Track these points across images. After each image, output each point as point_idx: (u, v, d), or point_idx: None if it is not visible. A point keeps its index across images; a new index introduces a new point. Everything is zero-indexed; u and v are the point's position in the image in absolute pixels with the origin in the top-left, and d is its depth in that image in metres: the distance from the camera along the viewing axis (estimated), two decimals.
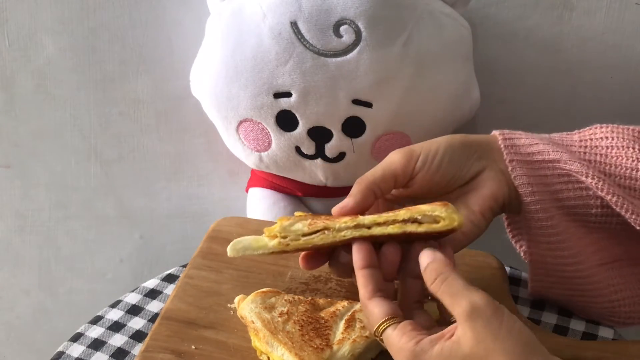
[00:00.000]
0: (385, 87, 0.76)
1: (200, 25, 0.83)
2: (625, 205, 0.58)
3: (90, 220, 1.00)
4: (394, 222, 0.55)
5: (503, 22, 0.91)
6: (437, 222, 0.54)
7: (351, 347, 0.57)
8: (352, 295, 0.66)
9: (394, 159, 0.61)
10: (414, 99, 0.77)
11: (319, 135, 0.79)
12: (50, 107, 0.92)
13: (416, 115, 0.79)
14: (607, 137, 0.63)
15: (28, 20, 0.87)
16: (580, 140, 0.63)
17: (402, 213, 0.55)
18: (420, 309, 0.54)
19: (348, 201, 0.58)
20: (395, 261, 0.55)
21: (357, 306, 0.61)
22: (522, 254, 0.68)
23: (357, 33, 0.73)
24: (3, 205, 0.98)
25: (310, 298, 0.63)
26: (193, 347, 0.60)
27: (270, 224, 0.78)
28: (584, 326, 0.68)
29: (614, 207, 0.59)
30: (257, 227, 0.75)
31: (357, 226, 0.55)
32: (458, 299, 0.48)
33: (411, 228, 0.54)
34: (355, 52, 0.74)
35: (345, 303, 0.62)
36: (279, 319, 0.59)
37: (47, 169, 0.96)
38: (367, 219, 0.55)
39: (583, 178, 0.60)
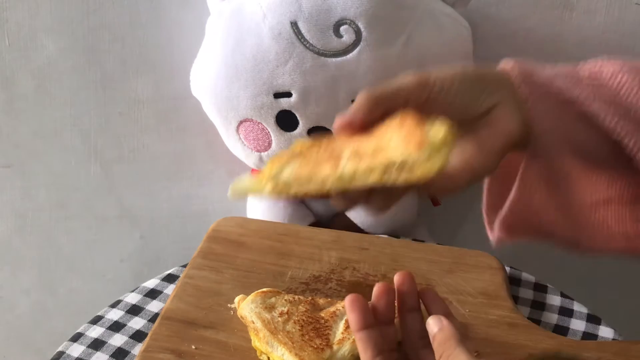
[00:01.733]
0: None
1: (200, 25, 0.83)
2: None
3: (90, 220, 1.00)
4: (371, 171, 0.49)
5: (503, 22, 0.91)
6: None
7: (351, 347, 0.57)
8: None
9: (408, 80, 0.56)
10: None
11: (319, 135, 0.79)
12: (50, 107, 0.92)
13: None
14: (616, 74, 0.59)
15: (28, 20, 0.87)
16: (589, 77, 0.59)
17: (378, 162, 0.49)
18: (426, 347, 0.53)
19: (353, 116, 0.54)
20: (391, 300, 0.53)
21: None
22: (486, 199, 0.65)
23: (357, 33, 0.73)
24: (3, 205, 0.98)
25: (310, 298, 0.63)
26: (193, 347, 0.60)
27: (271, 223, 0.78)
28: (584, 326, 0.68)
29: (631, 148, 0.57)
30: (257, 227, 0.75)
31: (339, 178, 0.50)
32: None
33: (391, 178, 0.49)
34: (355, 52, 0.74)
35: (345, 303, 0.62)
36: (279, 319, 0.59)
37: (47, 169, 0.96)
38: (347, 171, 0.50)
39: (602, 117, 0.57)
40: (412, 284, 0.54)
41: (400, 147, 0.50)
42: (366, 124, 0.54)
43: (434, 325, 0.51)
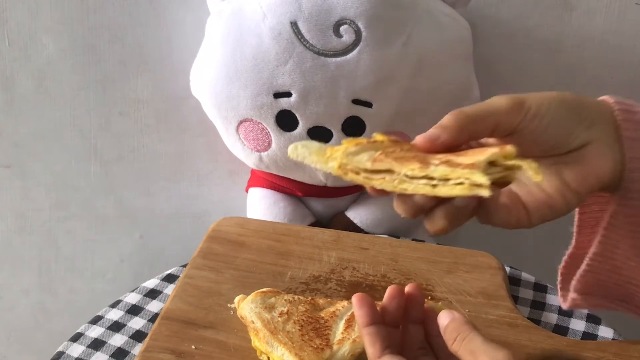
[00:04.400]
0: (385, 87, 0.76)
1: (200, 25, 0.83)
2: None
3: (90, 220, 1.00)
4: (461, 183, 0.47)
5: (503, 22, 0.91)
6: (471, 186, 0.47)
7: (351, 347, 0.57)
8: (352, 295, 0.67)
9: (501, 103, 0.52)
10: (414, 99, 0.77)
11: (319, 135, 0.79)
12: (50, 107, 0.92)
13: (416, 115, 0.79)
14: None
15: (28, 20, 0.87)
16: None
17: (472, 174, 0.46)
18: (426, 355, 0.53)
19: (439, 133, 0.50)
20: (401, 304, 0.54)
21: None
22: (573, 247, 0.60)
23: (357, 33, 0.73)
24: (3, 205, 0.98)
25: (310, 298, 0.63)
26: (193, 347, 0.60)
27: (270, 223, 0.78)
28: (584, 326, 0.68)
29: None
30: (257, 227, 0.75)
31: (426, 177, 0.48)
32: (479, 355, 0.47)
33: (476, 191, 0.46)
34: (355, 52, 0.74)
35: (345, 303, 0.62)
36: (279, 319, 0.59)
37: (47, 169, 0.96)
38: (439, 171, 0.47)
39: None
40: (420, 297, 0.54)
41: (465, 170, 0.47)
42: (450, 146, 0.51)
43: (445, 317, 0.50)
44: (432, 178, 0.47)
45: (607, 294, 0.60)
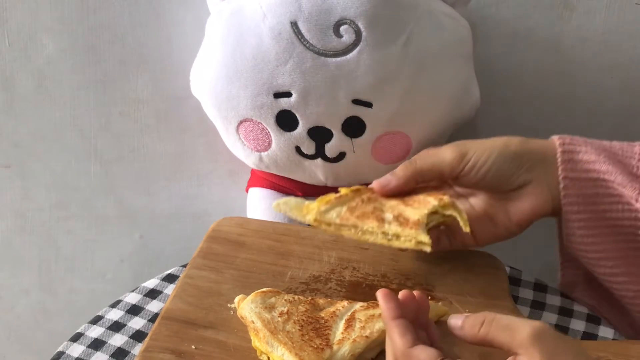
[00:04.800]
0: (385, 87, 0.76)
1: (200, 25, 0.83)
2: None
3: (90, 220, 1.00)
4: (410, 241, 0.61)
5: (503, 22, 0.91)
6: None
7: (351, 347, 0.57)
8: (352, 295, 0.67)
9: (446, 156, 0.63)
10: (414, 99, 0.77)
11: (319, 135, 0.79)
12: (50, 107, 0.92)
13: (416, 115, 0.79)
14: None
15: (28, 20, 0.87)
16: None
17: (418, 235, 0.61)
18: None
19: (390, 181, 0.64)
20: (414, 308, 0.55)
21: (357, 306, 0.61)
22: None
23: (357, 33, 0.73)
24: (3, 205, 0.98)
25: (310, 298, 0.63)
26: (193, 347, 0.60)
27: (270, 223, 0.78)
28: (584, 326, 0.68)
29: None
30: (257, 227, 0.75)
31: (383, 233, 0.62)
32: (517, 327, 0.48)
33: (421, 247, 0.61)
34: (355, 52, 0.74)
35: (345, 303, 0.62)
36: (279, 318, 0.59)
37: (47, 169, 0.96)
38: (392, 229, 0.61)
39: (633, 202, 0.59)
40: (427, 305, 0.56)
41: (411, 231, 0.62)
42: (400, 192, 0.64)
43: (458, 317, 0.52)
44: (387, 233, 0.62)
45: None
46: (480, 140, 0.64)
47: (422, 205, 0.64)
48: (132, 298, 0.70)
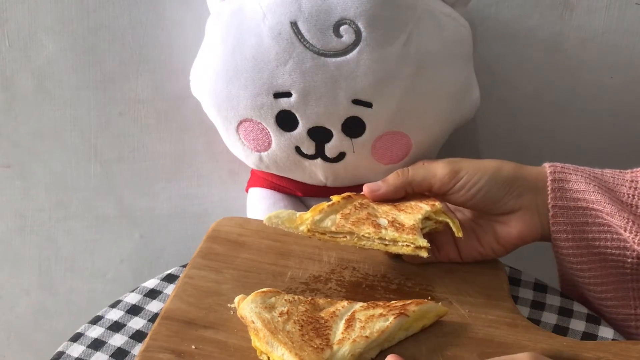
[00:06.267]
0: (385, 87, 0.76)
1: (200, 25, 0.83)
2: None
3: (90, 220, 1.00)
4: (407, 246, 0.62)
5: (503, 22, 0.91)
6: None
7: (351, 347, 0.57)
8: (352, 295, 0.67)
9: (438, 172, 0.64)
10: (414, 99, 0.77)
11: (319, 135, 0.79)
12: (50, 107, 0.92)
13: (416, 115, 0.79)
14: None
15: (28, 20, 0.87)
16: (632, 181, 0.62)
17: (415, 240, 0.62)
18: None
19: (381, 187, 0.65)
20: None
21: (357, 306, 0.61)
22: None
23: (357, 33, 0.73)
24: (3, 205, 0.98)
25: (310, 298, 0.63)
26: (193, 347, 0.60)
27: None
28: (584, 326, 0.68)
29: None
30: (257, 227, 0.75)
31: (380, 238, 0.63)
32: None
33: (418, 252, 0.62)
34: (355, 52, 0.74)
35: (345, 303, 0.62)
36: (279, 318, 0.59)
37: (47, 169, 0.96)
38: (389, 235, 0.62)
39: (621, 231, 0.60)
40: None
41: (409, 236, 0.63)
42: (391, 198, 0.66)
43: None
44: (384, 239, 0.63)
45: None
46: (475, 160, 0.65)
47: (415, 211, 0.65)
48: (132, 298, 0.70)
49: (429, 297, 0.67)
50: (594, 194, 0.61)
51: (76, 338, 0.66)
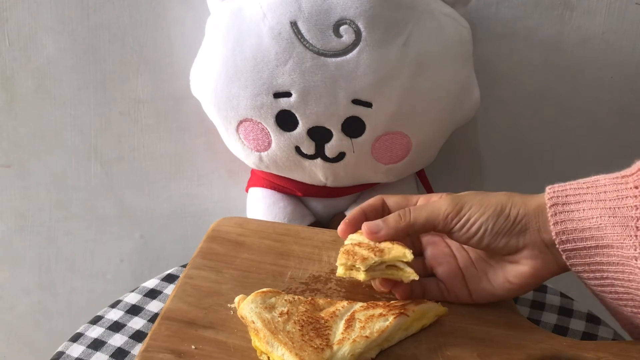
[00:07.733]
0: (385, 87, 0.76)
1: (200, 25, 0.83)
2: None
3: (90, 220, 1.00)
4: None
5: (503, 22, 0.91)
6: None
7: (351, 347, 0.57)
8: (352, 295, 0.67)
9: (441, 210, 0.61)
10: (414, 99, 0.77)
11: (319, 135, 0.79)
12: (50, 107, 0.92)
13: (416, 115, 0.79)
14: None
15: (28, 20, 0.87)
16: (636, 187, 0.58)
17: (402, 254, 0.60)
18: None
19: (381, 229, 0.61)
20: None
21: (357, 306, 0.61)
22: None
23: (357, 33, 0.73)
24: (3, 205, 0.98)
25: (310, 298, 0.63)
26: (193, 347, 0.60)
27: (270, 223, 0.78)
28: (584, 326, 0.68)
29: None
30: (257, 227, 0.75)
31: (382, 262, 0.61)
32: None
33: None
34: (355, 52, 0.74)
35: (345, 303, 0.62)
36: (279, 318, 0.59)
37: (47, 169, 0.96)
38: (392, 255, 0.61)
39: (632, 262, 0.56)
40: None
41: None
42: (390, 240, 0.62)
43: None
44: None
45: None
46: (481, 195, 0.62)
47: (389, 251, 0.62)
48: (132, 298, 0.70)
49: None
50: (601, 227, 0.58)
51: (76, 338, 0.66)
